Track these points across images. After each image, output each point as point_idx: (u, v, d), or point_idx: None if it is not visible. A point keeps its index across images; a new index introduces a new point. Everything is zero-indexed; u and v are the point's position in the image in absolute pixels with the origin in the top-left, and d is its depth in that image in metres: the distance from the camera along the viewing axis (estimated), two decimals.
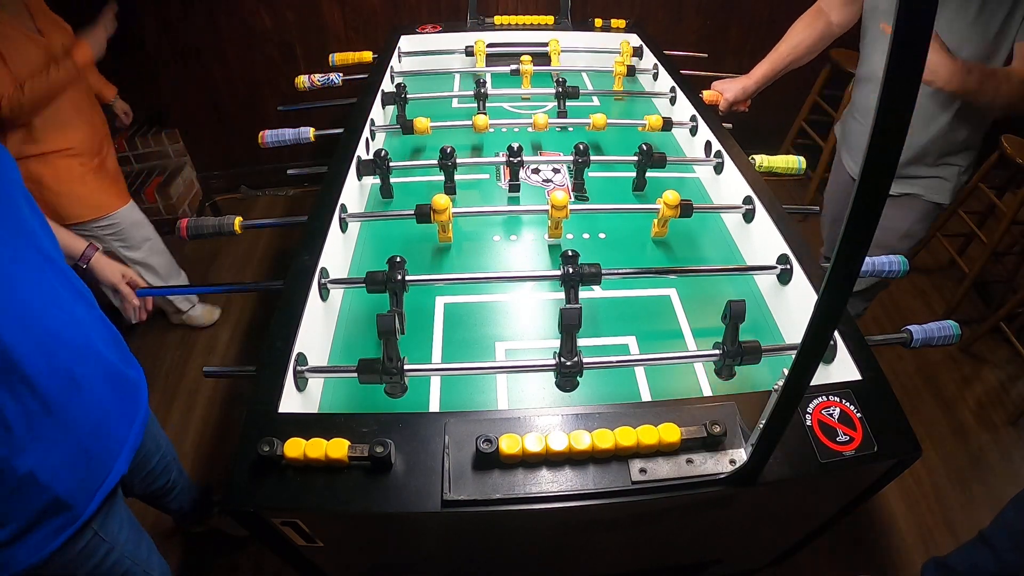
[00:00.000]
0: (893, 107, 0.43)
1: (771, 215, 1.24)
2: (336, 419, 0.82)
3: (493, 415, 0.85)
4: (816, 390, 0.87)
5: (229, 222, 1.20)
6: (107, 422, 1.00)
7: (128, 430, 1.06)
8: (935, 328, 1.00)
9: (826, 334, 0.58)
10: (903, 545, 1.77)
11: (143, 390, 1.13)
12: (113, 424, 1.02)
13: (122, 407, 1.05)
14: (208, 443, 2.01)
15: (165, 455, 1.38)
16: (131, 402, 1.08)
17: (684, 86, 1.78)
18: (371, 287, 1.06)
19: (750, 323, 1.06)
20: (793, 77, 2.00)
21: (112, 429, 1.02)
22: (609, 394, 1.01)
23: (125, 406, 1.06)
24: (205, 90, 2.90)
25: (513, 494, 0.75)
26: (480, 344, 1.10)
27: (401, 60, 2.08)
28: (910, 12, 0.39)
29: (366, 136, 1.54)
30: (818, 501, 1.03)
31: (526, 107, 1.87)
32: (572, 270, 1.05)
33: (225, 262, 2.78)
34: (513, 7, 2.82)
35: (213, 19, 2.69)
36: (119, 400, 1.04)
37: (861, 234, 0.49)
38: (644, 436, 0.76)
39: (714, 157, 1.49)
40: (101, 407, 0.98)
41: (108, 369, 1.00)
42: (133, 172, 2.97)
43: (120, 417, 1.04)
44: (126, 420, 1.06)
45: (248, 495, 0.75)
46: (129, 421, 1.06)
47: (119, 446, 1.03)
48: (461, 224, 1.37)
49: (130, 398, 1.07)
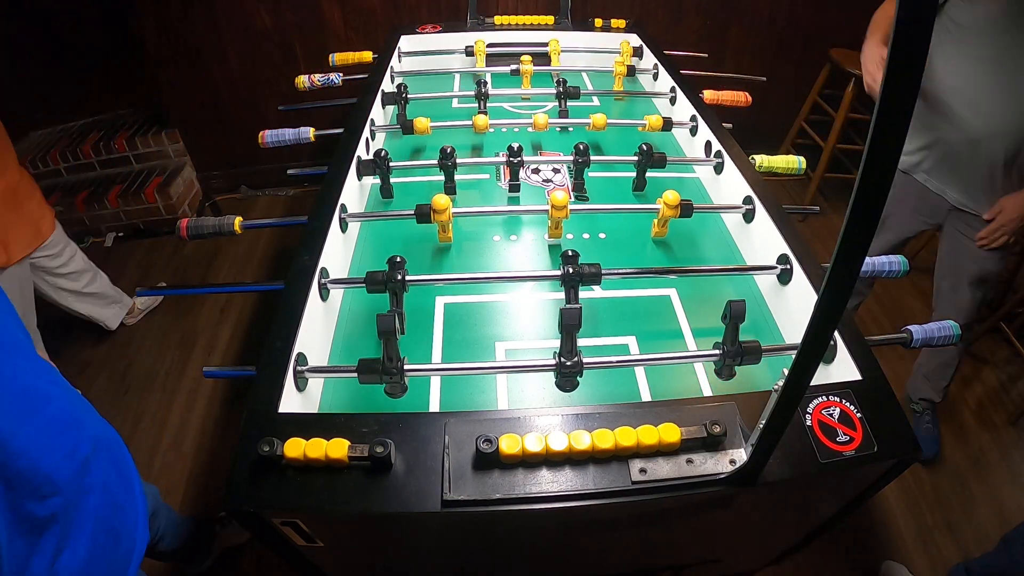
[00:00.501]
0: (894, 106, 0.43)
1: (771, 215, 1.24)
2: (336, 419, 0.82)
3: (493, 415, 0.85)
4: (816, 390, 0.87)
5: (229, 222, 1.20)
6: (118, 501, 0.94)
7: (136, 495, 0.99)
8: (935, 328, 1.00)
9: (826, 334, 0.58)
10: (903, 545, 1.77)
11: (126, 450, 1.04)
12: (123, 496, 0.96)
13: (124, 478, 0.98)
14: (208, 443, 2.01)
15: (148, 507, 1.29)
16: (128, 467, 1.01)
17: (684, 86, 1.78)
18: (371, 287, 1.06)
19: (750, 323, 1.06)
20: (793, 77, 2.00)
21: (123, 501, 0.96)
22: (609, 394, 1.01)
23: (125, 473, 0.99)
24: (205, 90, 2.90)
25: (513, 494, 0.75)
26: (480, 344, 1.10)
27: (401, 60, 2.08)
28: (910, 10, 0.39)
29: (366, 136, 1.54)
30: (818, 501, 1.03)
31: (526, 107, 1.87)
32: (572, 270, 1.05)
33: (225, 262, 2.78)
34: (513, 7, 2.82)
35: (213, 19, 2.69)
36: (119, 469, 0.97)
37: (861, 234, 0.49)
38: (644, 436, 0.76)
39: (714, 157, 1.49)
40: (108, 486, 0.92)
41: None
42: (133, 172, 2.97)
43: (128, 488, 0.98)
44: (130, 488, 0.99)
45: (248, 495, 0.75)
46: (133, 488, 1.00)
47: (134, 517, 0.97)
48: (461, 224, 1.37)
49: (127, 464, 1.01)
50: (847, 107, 2.71)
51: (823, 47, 2.82)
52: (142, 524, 0.98)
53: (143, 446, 1.99)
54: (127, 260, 2.82)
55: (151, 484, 1.28)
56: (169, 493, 1.87)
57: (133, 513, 0.97)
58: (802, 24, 2.95)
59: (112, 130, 3.00)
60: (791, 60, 3.04)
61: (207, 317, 2.48)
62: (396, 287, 1.05)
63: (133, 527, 0.96)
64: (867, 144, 0.45)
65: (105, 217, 2.87)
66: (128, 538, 0.94)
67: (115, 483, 0.93)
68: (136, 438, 2.02)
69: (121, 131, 2.98)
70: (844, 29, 2.93)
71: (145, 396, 2.16)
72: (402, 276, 1.05)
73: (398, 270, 1.05)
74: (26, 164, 2.80)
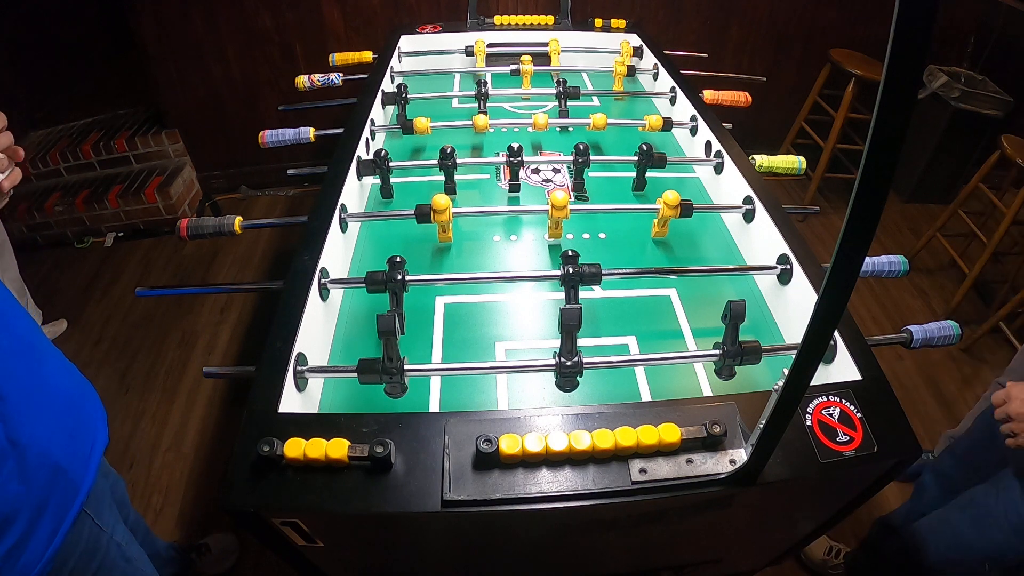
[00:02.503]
0: (894, 105, 0.43)
1: (771, 215, 1.24)
2: (336, 419, 0.82)
3: (493, 415, 0.85)
4: (816, 390, 0.87)
5: (229, 222, 1.20)
6: (83, 392, 1.02)
7: (99, 406, 1.07)
8: (935, 328, 1.00)
9: (826, 334, 0.58)
10: None
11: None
12: (89, 398, 1.03)
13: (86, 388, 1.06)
14: (208, 443, 2.01)
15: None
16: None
17: (684, 86, 1.78)
18: (371, 287, 1.06)
19: (750, 323, 1.06)
20: (793, 77, 2.00)
21: (88, 402, 1.03)
22: (609, 394, 1.01)
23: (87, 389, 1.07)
24: (205, 90, 2.90)
25: (513, 494, 0.75)
26: (480, 344, 1.10)
27: (401, 60, 2.08)
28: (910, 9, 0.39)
29: (366, 136, 1.54)
30: (818, 501, 1.03)
31: (526, 107, 1.87)
32: (572, 270, 1.05)
33: (225, 262, 2.78)
34: (513, 7, 2.82)
35: (213, 19, 2.69)
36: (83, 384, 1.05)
37: (861, 234, 0.49)
38: (644, 436, 0.76)
39: (714, 157, 1.49)
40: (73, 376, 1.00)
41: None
42: (133, 172, 2.97)
43: (91, 393, 1.05)
44: (94, 397, 1.07)
45: (248, 495, 0.75)
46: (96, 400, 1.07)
47: (97, 414, 1.04)
48: (461, 224, 1.37)
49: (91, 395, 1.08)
50: (847, 107, 2.71)
51: (823, 47, 2.82)
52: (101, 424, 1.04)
53: (143, 446, 1.99)
54: (127, 260, 2.82)
55: (121, 477, 1.29)
56: (169, 493, 1.87)
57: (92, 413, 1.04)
58: (802, 24, 2.95)
59: (112, 130, 3.01)
60: (791, 60, 3.04)
61: (207, 317, 2.48)
62: (396, 287, 1.05)
63: (91, 421, 1.02)
64: (867, 144, 0.45)
65: (105, 217, 2.87)
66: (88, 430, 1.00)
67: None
68: (136, 438, 2.02)
69: (121, 131, 2.98)
70: (844, 29, 2.94)
71: (145, 396, 2.16)
72: (402, 276, 1.05)
73: (398, 270, 1.05)
74: (26, 164, 2.80)
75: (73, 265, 2.79)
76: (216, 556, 1.66)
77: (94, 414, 1.04)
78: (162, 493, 1.87)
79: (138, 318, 2.48)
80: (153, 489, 1.88)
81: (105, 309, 2.53)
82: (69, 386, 0.99)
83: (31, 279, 2.32)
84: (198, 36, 2.73)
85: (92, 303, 2.56)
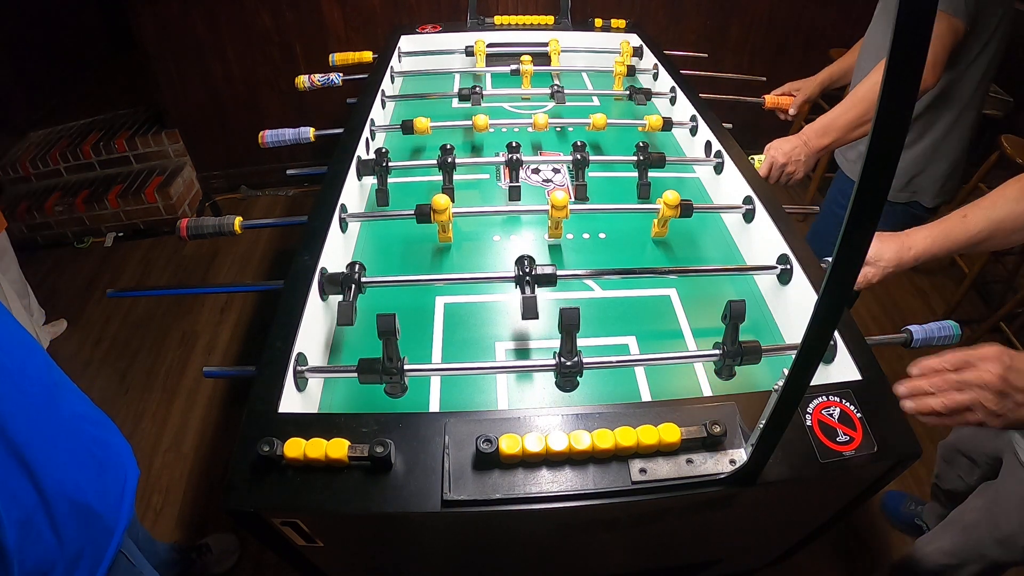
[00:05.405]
0: (894, 105, 0.43)
1: (771, 215, 1.24)
2: (336, 419, 0.82)
3: (493, 415, 0.85)
4: (816, 390, 0.87)
5: (229, 222, 1.20)
6: (104, 425, 0.98)
7: (122, 438, 1.03)
8: (935, 328, 0.99)
9: (826, 334, 0.58)
10: (903, 545, 1.77)
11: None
12: (110, 430, 1.00)
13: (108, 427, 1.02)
14: (208, 443, 2.01)
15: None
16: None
17: (684, 86, 1.78)
18: (330, 288, 1.06)
19: (750, 323, 1.06)
20: (793, 77, 2.00)
21: (111, 435, 1.00)
22: (609, 394, 1.01)
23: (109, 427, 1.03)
24: (205, 90, 2.90)
25: (513, 494, 0.75)
26: (480, 344, 1.10)
27: (401, 60, 2.08)
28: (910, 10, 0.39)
29: (366, 136, 1.54)
30: (818, 501, 1.03)
31: (526, 107, 1.87)
32: (529, 271, 1.04)
33: (225, 262, 2.78)
34: (513, 7, 2.82)
35: (213, 19, 2.70)
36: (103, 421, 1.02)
37: (861, 234, 0.49)
38: (644, 436, 0.76)
39: (714, 157, 1.49)
40: (92, 408, 0.97)
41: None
42: (133, 172, 2.98)
43: (111, 425, 1.02)
44: (114, 428, 1.03)
45: (248, 495, 0.75)
46: (117, 431, 1.04)
47: (123, 447, 1.01)
48: (461, 224, 1.37)
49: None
50: None
51: (823, 47, 2.82)
52: (128, 457, 1.00)
53: (143, 446, 1.99)
54: (127, 260, 2.82)
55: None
56: (169, 493, 1.87)
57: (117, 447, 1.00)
58: (802, 24, 2.95)
59: (112, 130, 3.01)
60: (791, 60, 3.04)
61: (207, 317, 2.48)
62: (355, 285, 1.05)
63: (119, 456, 0.98)
64: (867, 144, 0.44)
65: (105, 217, 2.87)
66: (116, 466, 0.96)
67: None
68: (136, 438, 2.02)
69: (121, 131, 2.99)
70: (844, 29, 2.94)
71: (145, 396, 2.16)
72: (359, 275, 1.05)
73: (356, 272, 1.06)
74: (26, 164, 2.81)
75: (73, 265, 2.79)
76: (216, 556, 1.66)
77: (120, 448, 1.01)
78: (162, 493, 1.87)
79: (138, 318, 2.48)
80: (153, 489, 1.88)
81: (105, 309, 2.53)
82: (91, 421, 0.95)
83: (31, 279, 2.32)
84: (198, 36, 2.73)
85: (92, 303, 2.56)
